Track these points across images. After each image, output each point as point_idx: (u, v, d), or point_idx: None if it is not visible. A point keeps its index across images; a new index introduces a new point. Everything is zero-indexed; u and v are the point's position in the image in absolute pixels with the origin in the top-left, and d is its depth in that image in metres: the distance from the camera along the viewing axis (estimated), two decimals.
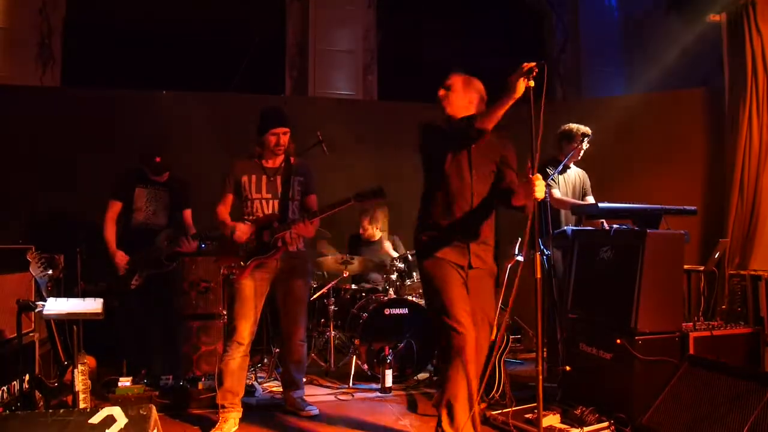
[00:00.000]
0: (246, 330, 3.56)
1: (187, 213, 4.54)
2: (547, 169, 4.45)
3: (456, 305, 2.84)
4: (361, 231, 5.46)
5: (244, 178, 3.68)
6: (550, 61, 8.00)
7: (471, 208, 2.97)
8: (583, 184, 4.72)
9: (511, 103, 2.70)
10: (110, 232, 4.33)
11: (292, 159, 3.79)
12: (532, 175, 2.65)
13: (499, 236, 3.12)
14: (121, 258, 4.26)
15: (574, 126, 4.54)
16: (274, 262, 3.63)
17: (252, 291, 3.59)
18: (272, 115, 3.70)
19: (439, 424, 2.87)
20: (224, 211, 3.69)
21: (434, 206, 3.01)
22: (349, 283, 5.29)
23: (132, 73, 6.61)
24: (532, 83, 2.67)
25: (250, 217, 3.67)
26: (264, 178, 3.69)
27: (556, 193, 4.50)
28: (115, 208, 4.38)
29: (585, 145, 4.51)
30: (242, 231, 3.56)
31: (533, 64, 2.66)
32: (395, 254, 5.21)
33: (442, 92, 3.10)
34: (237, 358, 3.55)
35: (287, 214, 3.68)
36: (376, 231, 5.47)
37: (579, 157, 4.62)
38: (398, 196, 6.18)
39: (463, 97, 3.07)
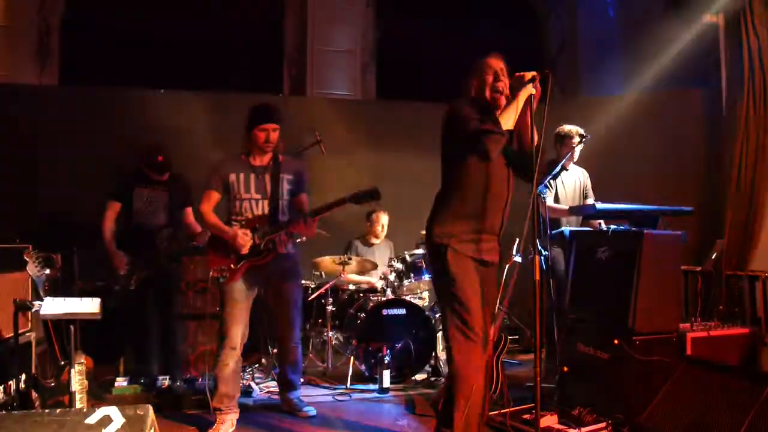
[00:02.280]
0: (237, 334, 3.54)
1: (188, 211, 4.53)
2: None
3: (475, 313, 2.75)
4: (379, 228, 5.45)
5: (232, 177, 3.62)
6: (548, 60, 8.03)
7: (506, 201, 2.86)
8: (583, 185, 4.71)
9: (519, 107, 2.71)
10: (109, 233, 4.33)
11: (280, 157, 3.74)
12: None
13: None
14: (120, 259, 4.24)
15: (567, 127, 4.54)
16: (264, 264, 3.60)
17: (242, 294, 3.56)
18: (261, 110, 3.63)
19: (444, 424, 2.84)
20: (210, 210, 3.63)
21: (465, 198, 2.81)
22: (346, 283, 5.28)
23: (130, 71, 6.60)
24: (534, 91, 2.69)
25: (239, 218, 3.61)
26: (252, 176, 3.63)
27: (549, 200, 4.47)
28: (115, 208, 4.37)
29: (580, 146, 4.50)
30: (243, 240, 3.50)
31: (535, 73, 2.68)
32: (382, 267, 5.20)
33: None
34: (231, 363, 3.53)
35: (277, 215, 3.64)
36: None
37: (576, 158, 4.62)
38: (396, 196, 6.22)
39: None
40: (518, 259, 4.40)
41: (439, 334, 4.90)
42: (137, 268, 4.24)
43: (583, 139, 4.46)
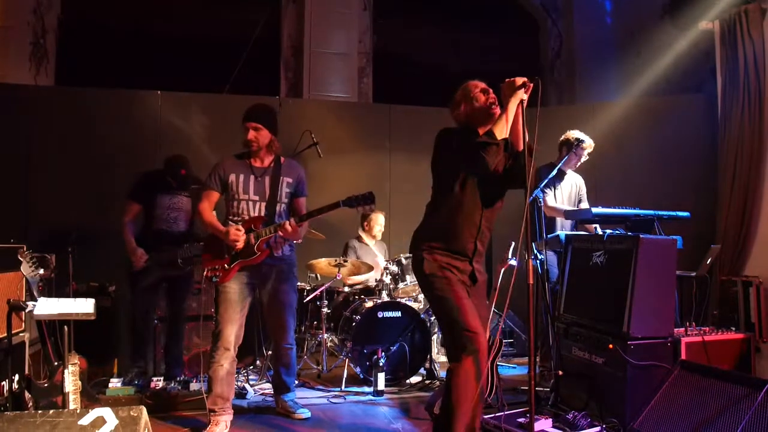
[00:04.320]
0: (232, 335, 3.53)
1: None
2: (541, 177, 4.43)
3: (470, 314, 2.75)
4: (377, 228, 5.44)
5: (232, 177, 3.61)
6: (545, 66, 8.06)
7: (478, 228, 2.89)
8: (578, 190, 4.73)
9: (512, 114, 2.75)
10: (128, 232, 4.31)
11: (282, 159, 3.74)
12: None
13: (492, 240, 3.11)
14: (141, 255, 4.23)
15: (574, 134, 4.55)
16: (259, 266, 3.59)
17: (237, 295, 3.55)
18: (247, 109, 3.65)
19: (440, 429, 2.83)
20: (209, 209, 3.62)
21: (439, 219, 2.91)
22: (342, 285, 5.27)
23: (127, 73, 6.60)
24: (525, 96, 2.72)
25: (236, 219, 3.61)
26: (252, 178, 3.63)
27: (550, 200, 4.49)
28: (134, 209, 4.37)
29: (585, 155, 4.52)
30: (236, 235, 3.47)
31: (525, 79, 2.70)
32: (383, 263, 5.19)
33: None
34: (225, 364, 3.52)
35: (274, 217, 3.63)
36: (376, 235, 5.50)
37: (576, 166, 4.63)
38: (392, 198, 6.23)
39: None
40: (514, 262, 4.40)
41: (434, 337, 4.90)
42: (154, 268, 4.23)
43: (579, 144, 4.47)
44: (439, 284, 2.82)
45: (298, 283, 4.22)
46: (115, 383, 3.95)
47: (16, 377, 3.19)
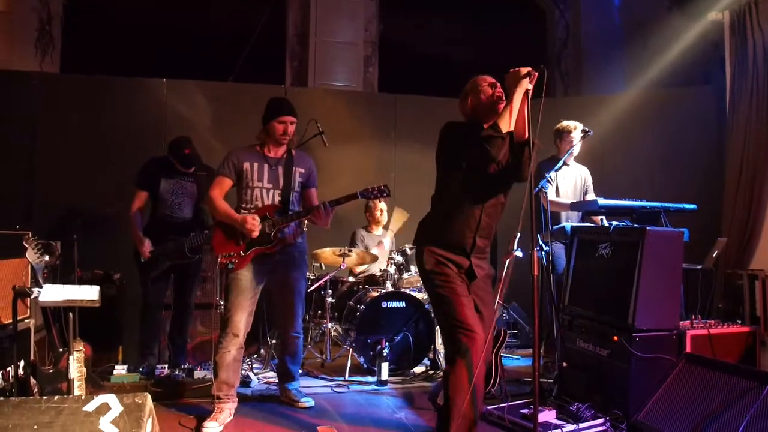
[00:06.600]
0: (242, 322, 3.54)
1: None
2: (542, 171, 4.37)
3: (468, 311, 2.76)
4: (378, 213, 5.42)
5: (246, 165, 3.62)
6: (551, 57, 8.00)
7: (477, 224, 2.87)
8: (584, 182, 4.69)
9: (517, 105, 2.73)
10: (135, 222, 4.29)
11: (293, 151, 3.77)
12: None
13: (497, 232, 3.09)
14: (147, 246, 4.22)
15: (566, 123, 4.52)
16: (272, 253, 3.60)
17: (249, 282, 3.56)
18: (281, 103, 3.69)
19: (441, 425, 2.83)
20: (220, 196, 3.61)
21: (440, 213, 2.92)
22: (347, 275, 5.27)
23: (132, 60, 6.58)
24: (530, 86, 2.69)
25: (249, 206, 3.62)
26: (266, 166, 3.65)
27: (551, 195, 4.45)
28: (141, 197, 4.34)
29: (579, 141, 4.48)
30: (253, 225, 3.49)
31: (530, 68, 2.67)
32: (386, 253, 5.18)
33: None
34: (232, 350, 3.53)
35: (288, 205, 3.66)
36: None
37: (576, 154, 4.60)
38: (398, 188, 6.21)
39: None
40: (519, 253, 4.39)
41: (438, 327, 4.89)
42: (162, 257, 4.23)
43: (586, 134, 4.43)
44: (438, 280, 2.83)
45: None
46: (119, 370, 3.97)
47: (22, 363, 3.21)
